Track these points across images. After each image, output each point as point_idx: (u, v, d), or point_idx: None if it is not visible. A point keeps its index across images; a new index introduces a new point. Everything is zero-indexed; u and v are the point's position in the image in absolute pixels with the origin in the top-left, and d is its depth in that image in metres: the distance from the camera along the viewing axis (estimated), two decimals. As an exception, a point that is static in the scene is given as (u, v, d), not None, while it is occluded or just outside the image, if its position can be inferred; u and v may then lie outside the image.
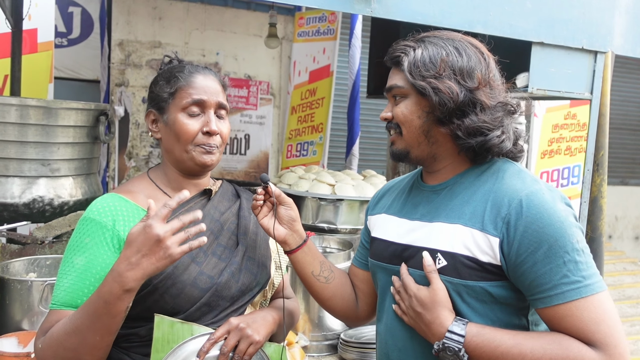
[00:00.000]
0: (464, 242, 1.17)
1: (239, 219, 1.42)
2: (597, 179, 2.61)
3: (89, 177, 2.54)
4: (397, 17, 1.94)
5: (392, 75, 1.29)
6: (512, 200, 1.14)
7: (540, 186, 1.16)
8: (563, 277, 1.09)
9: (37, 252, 2.10)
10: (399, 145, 1.29)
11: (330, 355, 2.09)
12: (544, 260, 1.10)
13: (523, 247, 1.11)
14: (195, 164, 1.33)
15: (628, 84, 7.47)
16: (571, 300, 1.09)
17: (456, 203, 1.22)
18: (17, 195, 2.27)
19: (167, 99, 1.33)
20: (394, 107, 1.27)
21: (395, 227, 1.33)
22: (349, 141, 4.55)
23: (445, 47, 1.22)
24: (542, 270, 1.10)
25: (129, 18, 5.19)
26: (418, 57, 1.22)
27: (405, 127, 1.26)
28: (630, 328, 5.11)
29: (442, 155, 1.27)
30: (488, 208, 1.17)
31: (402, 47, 1.26)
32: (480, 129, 1.19)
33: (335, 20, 5.00)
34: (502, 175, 1.22)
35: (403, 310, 1.23)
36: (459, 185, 1.25)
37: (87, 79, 5.17)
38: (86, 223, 1.25)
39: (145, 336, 1.24)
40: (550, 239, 1.10)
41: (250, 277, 1.37)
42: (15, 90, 3.06)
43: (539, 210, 1.11)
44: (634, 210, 7.82)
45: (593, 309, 1.08)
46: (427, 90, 1.19)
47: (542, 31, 2.16)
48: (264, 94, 5.74)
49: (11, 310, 1.76)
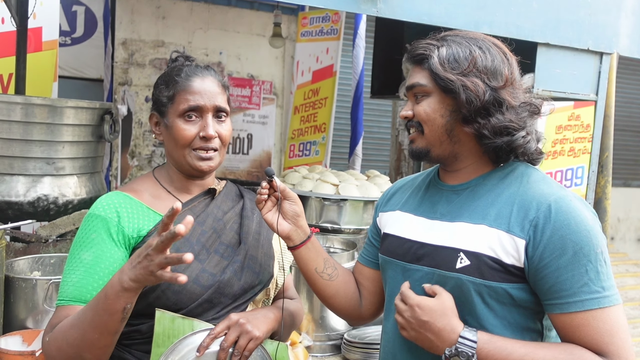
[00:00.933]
0: (488, 242, 1.16)
1: (242, 218, 1.42)
2: (602, 180, 2.61)
3: (94, 175, 2.54)
4: (403, 17, 1.94)
5: (413, 73, 1.27)
6: (540, 204, 1.14)
7: (568, 193, 1.17)
8: (584, 285, 1.09)
9: (42, 250, 2.10)
10: (420, 143, 1.27)
11: (333, 356, 2.09)
12: (567, 266, 1.10)
13: (548, 251, 1.11)
14: (191, 168, 1.34)
15: (631, 86, 7.46)
16: (589, 310, 1.08)
17: (480, 204, 1.21)
18: (21, 194, 2.27)
19: (166, 103, 1.34)
20: (415, 106, 1.26)
21: (412, 225, 1.31)
22: (352, 141, 4.55)
23: (469, 46, 1.22)
24: (563, 276, 1.10)
25: (133, 17, 5.19)
26: (444, 55, 1.21)
27: (427, 126, 1.24)
28: (633, 330, 5.09)
29: (463, 155, 1.26)
30: (515, 210, 1.16)
31: (425, 45, 1.25)
32: (507, 128, 1.19)
33: (339, 21, 5.00)
34: (527, 180, 1.21)
35: (402, 324, 1.21)
36: (481, 186, 1.24)
37: (90, 78, 5.17)
38: (92, 219, 1.26)
39: (146, 333, 1.25)
40: (575, 246, 1.10)
41: (253, 276, 1.37)
42: (20, 88, 3.06)
43: (567, 216, 1.11)
44: (636, 212, 7.80)
45: (609, 321, 1.08)
46: (455, 87, 1.18)
47: (548, 32, 2.16)
48: (266, 94, 5.74)
49: (16, 309, 1.77)
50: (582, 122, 3.77)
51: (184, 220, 1.05)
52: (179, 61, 1.40)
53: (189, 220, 1.05)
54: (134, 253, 1.24)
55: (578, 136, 3.76)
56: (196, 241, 1.31)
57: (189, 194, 1.39)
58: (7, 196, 2.26)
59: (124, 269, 1.10)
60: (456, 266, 1.18)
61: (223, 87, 1.38)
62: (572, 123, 3.65)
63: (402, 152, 4.79)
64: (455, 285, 1.18)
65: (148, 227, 1.28)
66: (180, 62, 1.41)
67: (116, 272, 1.13)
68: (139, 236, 1.27)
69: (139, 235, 1.27)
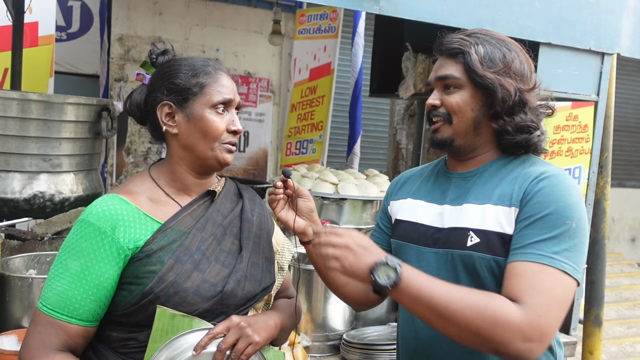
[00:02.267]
0: (495, 219, 1.23)
1: (241, 221, 1.38)
2: (601, 181, 2.61)
3: (90, 173, 2.51)
4: (405, 15, 1.93)
5: (445, 65, 1.32)
6: (535, 177, 1.23)
7: (564, 172, 1.25)
8: (536, 242, 1.15)
9: (37, 248, 2.07)
10: (445, 132, 1.33)
11: (332, 356, 2.08)
12: (534, 224, 1.17)
13: (526, 210, 1.19)
14: (217, 162, 1.31)
15: (626, 86, 7.49)
16: (530, 262, 1.13)
17: (485, 187, 1.29)
18: (17, 191, 2.24)
19: (196, 93, 1.29)
20: (445, 96, 1.32)
21: (425, 211, 1.38)
22: (351, 140, 4.53)
23: (501, 48, 1.30)
24: (526, 230, 1.17)
25: (129, 13, 5.15)
26: (482, 53, 1.27)
27: (457, 117, 1.31)
28: (627, 330, 5.12)
29: (481, 146, 1.34)
30: (516, 188, 1.24)
31: (460, 40, 1.30)
32: (528, 127, 1.28)
33: (337, 18, 4.98)
34: (530, 163, 1.30)
35: (337, 255, 1.21)
36: (487, 172, 1.32)
37: (86, 74, 5.13)
38: (84, 226, 1.21)
39: (144, 341, 1.21)
40: (549, 210, 1.17)
41: (255, 285, 1.33)
42: (16, 83, 3.03)
43: (554, 188, 1.19)
44: (630, 212, 7.84)
45: (543, 279, 1.11)
46: (494, 85, 1.25)
47: (550, 32, 2.15)
48: (263, 91, 5.71)
49: (11, 308, 1.74)
50: (580, 123, 3.77)
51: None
52: (168, 54, 1.38)
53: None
54: (130, 263, 1.21)
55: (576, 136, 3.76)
56: (196, 249, 1.26)
57: (188, 196, 1.34)
58: (2, 193, 2.23)
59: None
60: (467, 244, 1.25)
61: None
62: (570, 123, 3.65)
63: (399, 151, 4.78)
64: (469, 262, 1.25)
65: (145, 237, 1.23)
66: (171, 55, 1.38)
67: None
68: (136, 247, 1.22)
69: (136, 246, 1.22)
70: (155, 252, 1.22)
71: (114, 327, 1.24)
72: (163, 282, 1.19)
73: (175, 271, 1.21)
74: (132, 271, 1.21)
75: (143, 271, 1.20)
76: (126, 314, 1.22)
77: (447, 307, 1.11)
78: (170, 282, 1.20)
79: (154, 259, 1.21)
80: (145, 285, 1.20)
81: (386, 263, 1.15)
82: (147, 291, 1.19)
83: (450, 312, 1.11)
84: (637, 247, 7.95)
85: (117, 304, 1.22)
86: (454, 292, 1.13)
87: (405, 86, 3.30)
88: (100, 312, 1.21)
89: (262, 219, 1.44)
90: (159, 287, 1.19)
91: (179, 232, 1.26)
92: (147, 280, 1.20)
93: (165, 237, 1.24)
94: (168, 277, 1.20)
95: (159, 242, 1.23)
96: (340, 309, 2.13)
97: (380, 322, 2.24)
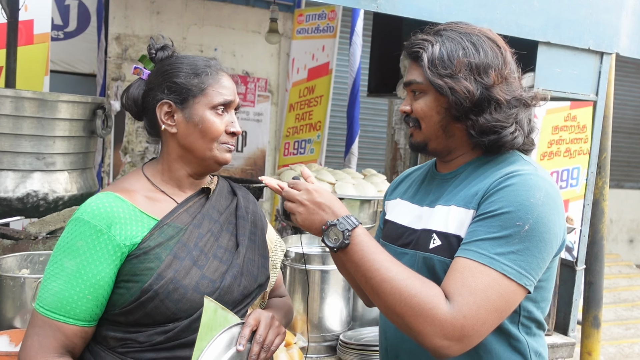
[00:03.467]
0: (456, 221, 1.20)
1: (237, 218, 1.38)
2: (599, 181, 2.59)
3: (85, 171, 2.49)
4: (402, 13, 1.91)
5: (411, 69, 1.31)
6: (503, 175, 1.18)
7: (535, 172, 1.18)
8: (479, 240, 1.11)
9: (31, 247, 2.06)
10: (418, 138, 1.32)
11: (329, 357, 2.06)
12: (478, 222, 1.14)
13: (482, 207, 1.15)
14: (215, 162, 1.31)
15: (624, 87, 7.49)
16: (468, 259, 1.10)
17: (456, 189, 1.26)
18: (10, 190, 2.22)
19: (196, 93, 1.28)
20: (413, 102, 1.30)
21: (407, 212, 1.38)
22: (348, 140, 4.52)
23: (462, 42, 1.23)
24: (474, 227, 1.14)
25: (127, 12, 5.13)
26: (436, 55, 1.22)
27: (424, 122, 1.29)
28: (625, 331, 5.11)
29: (457, 148, 1.31)
30: (481, 188, 1.19)
31: (421, 41, 1.27)
32: (494, 128, 1.21)
33: (335, 18, 4.96)
34: (508, 162, 1.25)
35: (292, 209, 1.23)
36: (463, 174, 1.29)
37: (83, 73, 5.11)
38: (79, 225, 1.19)
39: (144, 342, 1.20)
40: (503, 209, 1.11)
41: (251, 280, 1.34)
42: (11, 81, 3.00)
43: (516, 185, 1.14)
44: (628, 214, 7.84)
45: (476, 277, 1.08)
46: (444, 89, 1.21)
47: (548, 31, 2.14)
48: (261, 91, 5.70)
49: (3, 308, 1.72)
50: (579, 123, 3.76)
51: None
52: (168, 49, 1.36)
53: None
54: (127, 261, 1.20)
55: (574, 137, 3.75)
56: (194, 246, 1.26)
57: (183, 193, 1.33)
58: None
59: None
60: (429, 246, 1.23)
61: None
62: (569, 124, 3.64)
63: (397, 151, 4.77)
64: (429, 265, 1.22)
65: (142, 234, 1.22)
66: (170, 51, 1.37)
67: None
68: (133, 244, 1.20)
69: (133, 243, 1.20)
70: (153, 249, 1.21)
71: (111, 327, 1.23)
72: (162, 279, 1.18)
73: (174, 268, 1.20)
74: (130, 269, 1.20)
75: (141, 268, 1.19)
76: (124, 312, 1.20)
77: (380, 284, 1.11)
78: (170, 278, 1.19)
79: (152, 256, 1.20)
80: (144, 282, 1.18)
81: (335, 225, 1.16)
82: (146, 288, 1.18)
83: (382, 289, 1.11)
84: (635, 248, 7.95)
85: (114, 303, 1.21)
86: (394, 271, 1.11)
87: (402, 85, 3.28)
88: (97, 312, 1.20)
89: (256, 216, 1.45)
90: (158, 283, 1.18)
91: (176, 229, 1.25)
92: (145, 277, 1.19)
93: (162, 234, 1.23)
94: (167, 273, 1.19)
95: (157, 238, 1.22)
96: (336, 310, 2.11)
97: (377, 323, 2.22)
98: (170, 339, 1.21)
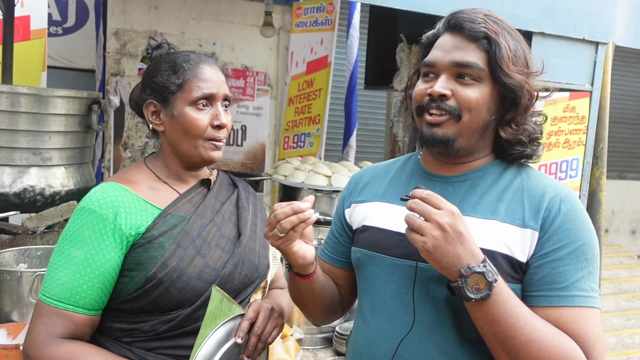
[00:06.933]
0: (503, 239, 1.09)
1: (238, 209, 1.40)
2: (596, 172, 2.59)
3: (82, 166, 2.50)
4: (396, 5, 1.91)
5: (464, 48, 1.10)
6: (552, 197, 1.11)
7: (571, 190, 1.17)
8: (577, 281, 1.07)
9: (28, 242, 2.07)
10: (449, 130, 1.11)
11: (325, 349, 2.07)
12: (566, 259, 1.07)
13: (551, 241, 1.07)
14: (202, 160, 1.31)
15: (626, 77, 7.44)
16: (579, 306, 1.06)
17: (486, 199, 1.13)
18: (7, 185, 2.23)
19: (174, 91, 1.28)
20: (461, 87, 1.10)
21: (399, 216, 1.13)
22: (346, 133, 4.52)
23: (521, 42, 1.14)
24: (560, 269, 1.06)
25: (125, 7, 5.12)
26: (512, 47, 1.10)
27: (469, 115, 1.10)
28: (626, 322, 5.11)
29: (479, 151, 1.18)
30: (526, 205, 1.11)
31: (484, 20, 1.10)
32: (538, 139, 1.17)
33: (333, 11, 4.94)
34: (528, 175, 1.17)
35: (432, 234, 0.98)
36: (481, 180, 1.17)
37: (82, 69, 5.10)
38: (85, 214, 1.20)
39: (148, 332, 1.22)
40: (578, 242, 1.08)
41: (252, 269, 1.35)
42: (7, 77, 3.00)
43: (575, 212, 1.10)
44: (630, 205, 7.82)
45: (595, 322, 1.07)
46: (521, 89, 1.09)
47: (543, 21, 2.13)
48: (261, 85, 5.68)
49: (1, 302, 1.73)
50: (578, 114, 3.75)
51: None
52: (163, 47, 1.37)
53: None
54: (131, 250, 1.21)
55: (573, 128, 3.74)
56: (197, 235, 1.27)
57: (185, 185, 1.36)
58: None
59: None
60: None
61: (225, 76, 1.37)
62: (567, 115, 3.63)
63: (396, 143, 4.76)
64: (442, 279, 1.07)
65: (147, 223, 1.23)
66: (166, 49, 1.38)
67: None
68: (138, 233, 1.22)
69: (138, 232, 1.22)
70: (157, 238, 1.22)
71: (116, 319, 1.25)
72: (166, 267, 1.20)
73: (178, 256, 1.22)
74: (134, 257, 1.21)
75: (145, 257, 1.21)
76: (128, 300, 1.22)
77: (526, 345, 1.00)
78: (174, 267, 1.21)
79: (156, 245, 1.22)
80: (148, 270, 1.20)
81: (482, 273, 0.97)
82: (150, 276, 1.19)
83: (528, 350, 1.00)
84: (637, 239, 7.94)
85: (118, 291, 1.23)
86: (539, 329, 1.01)
87: (399, 78, 3.28)
88: (105, 300, 1.22)
89: (257, 207, 1.47)
90: (162, 272, 1.20)
91: (179, 218, 1.27)
92: (149, 265, 1.20)
93: (166, 223, 1.25)
94: (171, 262, 1.21)
95: (160, 227, 1.23)
96: (332, 302, 2.12)
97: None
98: (174, 328, 1.23)
